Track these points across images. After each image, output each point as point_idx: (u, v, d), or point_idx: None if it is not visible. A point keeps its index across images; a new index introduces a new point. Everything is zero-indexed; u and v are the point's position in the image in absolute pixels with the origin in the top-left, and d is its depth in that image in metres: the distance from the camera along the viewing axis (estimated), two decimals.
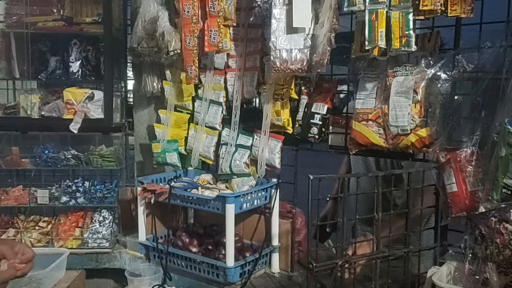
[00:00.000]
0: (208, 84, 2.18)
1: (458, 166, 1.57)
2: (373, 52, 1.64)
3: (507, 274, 1.47)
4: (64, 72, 2.57)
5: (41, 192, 2.46)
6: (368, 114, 1.78)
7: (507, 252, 1.44)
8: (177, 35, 2.08)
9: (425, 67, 1.67)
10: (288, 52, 1.75)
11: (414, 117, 1.68)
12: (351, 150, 1.86)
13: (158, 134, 2.30)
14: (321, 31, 1.70)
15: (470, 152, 1.57)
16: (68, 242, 2.38)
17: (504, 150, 1.42)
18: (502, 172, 1.44)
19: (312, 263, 1.55)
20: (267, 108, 1.99)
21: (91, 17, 2.46)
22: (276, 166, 2.00)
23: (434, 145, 1.65)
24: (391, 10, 1.60)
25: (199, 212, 2.32)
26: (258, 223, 2.12)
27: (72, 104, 2.42)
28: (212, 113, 2.16)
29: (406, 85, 1.69)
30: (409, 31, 1.58)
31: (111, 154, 2.46)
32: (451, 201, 1.60)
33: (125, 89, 2.69)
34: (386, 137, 1.75)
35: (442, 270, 1.57)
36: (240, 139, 2.09)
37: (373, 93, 1.79)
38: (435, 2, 1.54)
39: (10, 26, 2.47)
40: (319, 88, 2.02)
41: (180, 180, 2.19)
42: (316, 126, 1.97)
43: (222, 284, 1.93)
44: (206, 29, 1.95)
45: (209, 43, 1.96)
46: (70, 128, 2.37)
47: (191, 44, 1.99)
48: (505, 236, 1.43)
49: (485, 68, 1.57)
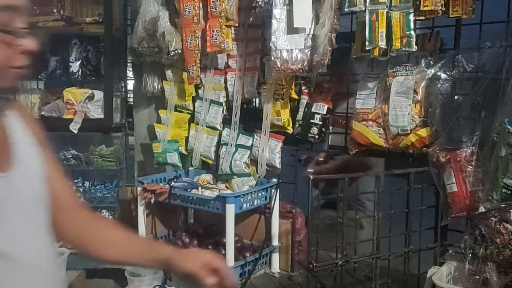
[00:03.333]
0: (209, 84, 2.18)
1: (458, 166, 1.58)
2: (374, 52, 1.65)
3: (507, 274, 1.47)
4: (64, 72, 2.57)
5: None
6: (368, 114, 1.78)
7: (507, 252, 1.44)
8: (178, 35, 2.08)
9: (425, 67, 1.68)
10: (289, 52, 1.75)
11: (414, 117, 1.68)
12: (351, 150, 1.87)
13: (159, 134, 2.30)
14: (321, 31, 1.70)
15: (470, 152, 1.57)
16: None
17: (504, 150, 1.43)
18: (502, 172, 1.44)
19: (312, 263, 1.55)
20: (267, 108, 1.99)
21: (91, 17, 2.46)
22: (276, 166, 2.00)
23: (434, 145, 1.66)
24: (392, 11, 1.61)
25: (199, 212, 2.32)
26: (258, 223, 2.12)
27: (72, 104, 2.42)
28: (212, 113, 2.16)
29: (406, 85, 1.69)
30: (409, 31, 1.58)
31: (111, 154, 2.46)
32: (451, 201, 1.60)
33: (125, 89, 2.69)
34: (386, 137, 1.75)
35: (442, 270, 1.57)
36: (240, 139, 2.09)
37: (373, 93, 1.80)
38: (435, 2, 1.54)
39: None
40: (319, 88, 2.02)
41: (180, 180, 2.19)
42: (316, 126, 1.97)
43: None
44: (208, 30, 1.95)
45: (211, 43, 1.96)
46: (70, 128, 2.37)
47: (192, 45, 1.99)
48: (505, 236, 1.44)
49: (485, 68, 1.57)
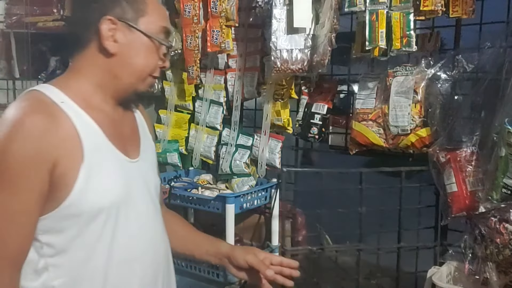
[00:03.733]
0: (209, 84, 2.18)
1: (458, 166, 1.58)
2: (374, 52, 1.65)
3: (507, 274, 1.48)
4: (64, 72, 2.56)
5: None
6: (368, 114, 1.79)
7: (507, 252, 1.44)
8: (178, 35, 2.08)
9: (425, 67, 1.68)
10: (289, 52, 1.75)
11: (414, 117, 1.68)
12: (351, 150, 1.87)
13: (159, 134, 2.30)
14: (321, 31, 1.70)
15: (470, 152, 1.57)
16: None
17: (504, 150, 1.43)
18: (502, 172, 1.44)
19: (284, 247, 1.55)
20: (267, 108, 1.99)
21: None
22: (276, 166, 2.00)
23: (434, 145, 1.66)
24: (392, 11, 1.61)
25: (199, 212, 2.32)
26: (258, 223, 2.12)
27: None
28: (212, 113, 2.16)
29: (406, 85, 1.69)
30: (409, 32, 1.58)
31: None
32: (451, 201, 1.60)
33: None
34: (386, 137, 1.75)
35: (442, 270, 1.57)
36: (240, 139, 2.09)
37: (373, 93, 1.80)
38: (435, 2, 1.54)
39: (10, 26, 2.47)
40: (319, 88, 2.02)
41: (180, 180, 2.19)
42: (316, 126, 1.97)
43: (222, 284, 1.93)
44: (209, 30, 1.95)
45: (211, 43, 1.96)
46: None
47: (192, 45, 1.99)
48: (505, 236, 1.44)
49: (485, 69, 1.58)
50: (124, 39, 1.08)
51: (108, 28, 1.07)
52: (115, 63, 1.09)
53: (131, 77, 1.11)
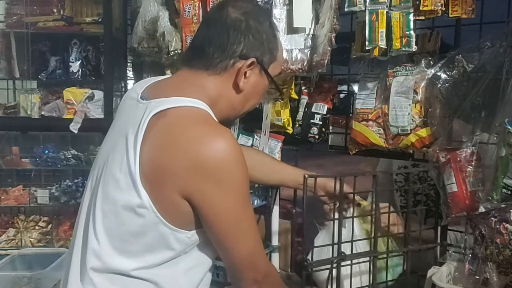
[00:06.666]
0: None
1: (458, 166, 1.57)
2: (374, 52, 1.65)
3: (507, 274, 1.47)
4: (64, 72, 2.57)
5: (41, 192, 2.46)
6: (368, 114, 1.78)
7: (507, 252, 1.44)
8: (178, 35, 2.08)
9: (425, 67, 1.67)
10: (289, 52, 1.75)
11: (414, 117, 1.68)
12: (351, 150, 1.86)
13: None
14: (321, 31, 1.70)
15: (470, 152, 1.57)
16: (68, 242, 2.38)
17: (504, 150, 1.42)
18: (502, 172, 1.44)
19: (308, 260, 1.55)
20: (267, 108, 1.99)
21: (91, 17, 2.46)
22: None
23: (434, 145, 1.65)
24: (392, 11, 1.60)
25: None
26: (258, 223, 2.12)
27: (72, 104, 2.42)
28: None
29: (406, 85, 1.69)
30: (409, 31, 1.58)
31: None
32: (451, 201, 1.59)
33: (125, 89, 2.69)
34: (386, 137, 1.75)
35: (442, 270, 1.57)
36: (240, 139, 2.09)
37: (373, 93, 1.79)
38: (435, 2, 1.54)
39: (10, 26, 2.48)
40: (319, 88, 2.02)
41: None
42: (316, 126, 1.97)
43: (222, 284, 1.93)
44: None
45: None
46: (70, 128, 2.37)
47: None
48: (505, 236, 1.44)
49: (485, 68, 1.57)
50: (253, 79, 1.16)
51: (246, 66, 1.12)
52: (238, 98, 1.18)
53: (243, 111, 1.23)
